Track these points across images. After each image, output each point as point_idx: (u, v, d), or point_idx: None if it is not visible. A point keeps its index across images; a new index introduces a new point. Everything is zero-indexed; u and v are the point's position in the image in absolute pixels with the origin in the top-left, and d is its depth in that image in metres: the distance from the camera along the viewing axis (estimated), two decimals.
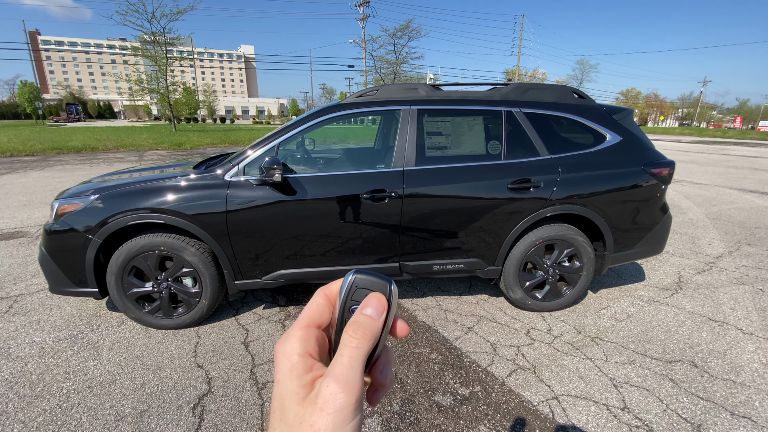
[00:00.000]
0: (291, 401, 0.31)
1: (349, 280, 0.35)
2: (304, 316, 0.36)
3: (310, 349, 0.33)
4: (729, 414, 2.11)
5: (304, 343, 0.33)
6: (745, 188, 9.03)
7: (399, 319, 0.37)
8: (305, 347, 0.33)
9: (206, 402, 2.16)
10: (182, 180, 2.77)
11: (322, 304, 0.36)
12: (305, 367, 0.32)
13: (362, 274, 0.35)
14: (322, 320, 0.36)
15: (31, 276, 3.76)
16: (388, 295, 0.35)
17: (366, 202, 2.77)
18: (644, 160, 3.09)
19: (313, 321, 0.35)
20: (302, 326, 0.35)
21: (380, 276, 0.35)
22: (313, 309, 0.36)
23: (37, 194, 7.30)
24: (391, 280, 0.35)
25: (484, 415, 2.09)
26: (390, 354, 0.38)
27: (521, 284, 3.08)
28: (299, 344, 0.33)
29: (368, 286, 0.35)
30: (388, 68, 40.78)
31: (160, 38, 25.51)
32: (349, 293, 0.34)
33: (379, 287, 0.35)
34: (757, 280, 3.84)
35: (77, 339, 2.74)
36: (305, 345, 0.33)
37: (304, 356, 0.33)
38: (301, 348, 0.33)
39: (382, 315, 0.34)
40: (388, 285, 0.35)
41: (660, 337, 2.84)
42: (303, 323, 0.35)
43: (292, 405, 0.31)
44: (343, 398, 0.29)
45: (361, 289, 0.35)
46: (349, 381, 0.30)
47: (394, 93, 3.05)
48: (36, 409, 2.08)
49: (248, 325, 2.95)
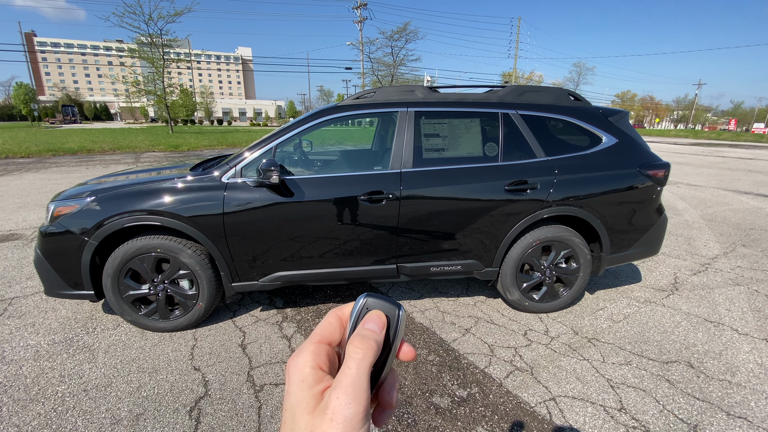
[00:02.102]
0: (301, 411, 0.32)
1: (360, 302, 0.37)
2: (316, 333, 0.37)
3: (320, 363, 0.35)
4: (725, 414, 2.12)
5: (315, 357, 0.35)
6: (740, 190, 9.10)
7: (406, 343, 0.38)
8: (316, 361, 0.35)
9: (203, 405, 2.15)
10: (179, 182, 2.76)
11: (333, 323, 0.38)
12: (316, 379, 0.34)
13: (373, 297, 0.37)
14: (333, 338, 0.37)
15: (26, 279, 3.74)
16: (396, 318, 0.36)
17: (363, 203, 2.77)
18: (640, 162, 3.11)
19: (324, 338, 0.37)
20: (314, 342, 0.36)
21: (390, 300, 0.37)
22: (324, 327, 0.38)
23: (33, 196, 7.26)
24: (400, 306, 0.37)
25: (481, 417, 2.09)
26: (396, 376, 0.39)
27: (518, 286, 3.09)
28: (311, 358, 0.35)
29: (378, 309, 0.37)
30: (386, 70, 40.89)
31: (157, 40, 25.50)
32: (360, 314, 0.36)
33: (388, 310, 0.36)
34: (752, 281, 3.87)
35: (73, 342, 2.72)
36: (316, 359, 0.35)
37: (315, 369, 0.34)
38: (313, 361, 0.35)
39: (383, 329, 0.35)
40: (396, 309, 0.37)
41: (656, 338, 2.85)
42: (315, 339, 0.37)
43: (302, 415, 0.32)
44: (352, 408, 0.30)
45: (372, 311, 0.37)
46: (357, 391, 0.31)
47: (392, 95, 3.05)
48: (31, 413, 2.06)
49: (245, 328, 2.94)
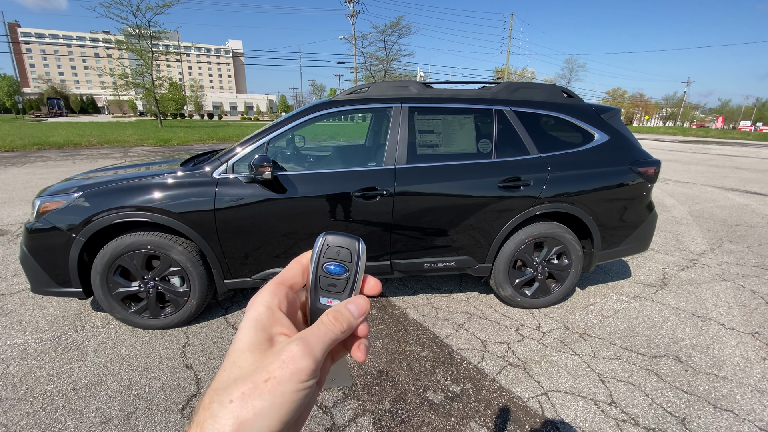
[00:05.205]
0: (250, 349, 0.32)
1: (320, 240, 0.38)
2: (277, 276, 0.38)
3: (279, 303, 0.35)
4: (712, 407, 2.16)
5: (273, 296, 0.36)
6: (727, 187, 9.27)
7: (370, 276, 0.40)
8: (274, 301, 0.35)
9: (195, 403, 2.13)
10: (169, 177, 2.72)
11: (295, 268, 0.39)
12: (271, 319, 0.34)
13: (333, 234, 0.38)
14: (294, 281, 0.38)
15: (11, 276, 3.66)
16: (357, 252, 0.38)
17: (357, 200, 2.76)
18: (631, 159, 3.14)
19: (285, 281, 0.38)
20: (275, 283, 0.37)
21: (349, 235, 0.39)
22: (286, 271, 0.39)
23: (18, 191, 7.09)
24: (359, 239, 0.38)
25: (475, 412, 2.11)
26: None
27: (511, 282, 3.11)
28: (269, 297, 0.36)
29: (339, 244, 0.38)
30: (379, 65, 40.71)
31: (146, 32, 24.97)
32: (322, 251, 0.38)
33: (348, 244, 0.38)
34: (738, 277, 3.95)
35: (61, 340, 2.67)
36: (274, 298, 0.36)
37: (272, 309, 0.35)
38: (270, 301, 0.35)
39: (361, 316, 0.36)
40: (356, 242, 0.38)
41: (645, 333, 2.90)
42: (276, 281, 0.38)
43: (250, 353, 0.32)
44: (306, 361, 0.31)
45: (333, 247, 0.38)
46: (315, 351, 0.32)
47: (386, 90, 3.03)
48: (19, 413, 2.02)
49: (238, 325, 2.90)
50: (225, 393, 0.30)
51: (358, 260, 0.38)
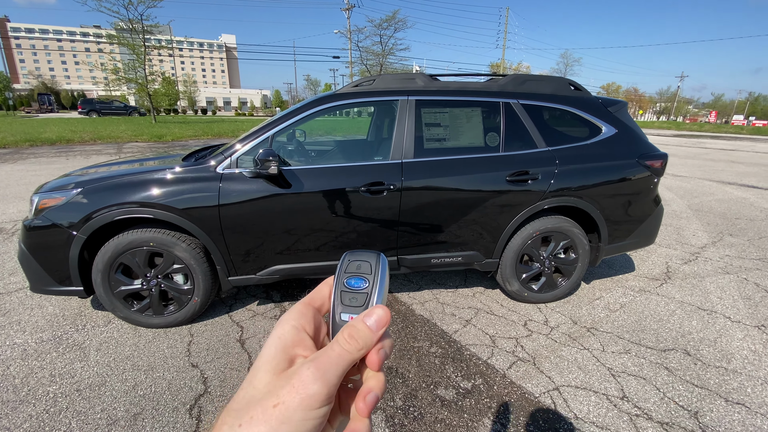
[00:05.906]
0: (268, 369, 0.31)
1: (343, 257, 0.39)
2: (306, 297, 0.38)
3: (304, 323, 0.35)
4: (723, 401, 2.16)
5: (300, 316, 0.35)
6: (724, 180, 9.32)
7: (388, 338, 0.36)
8: (300, 321, 0.35)
9: (203, 402, 2.09)
10: (172, 173, 2.65)
11: (323, 290, 0.39)
12: (295, 339, 0.33)
13: (354, 251, 0.40)
14: (322, 303, 0.38)
15: (8, 274, 3.58)
16: (377, 263, 0.38)
17: (364, 195, 2.71)
18: (638, 153, 3.11)
19: (313, 301, 0.37)
20: (303, 303, 0.37)
21: (369, 250, 0.39)
22: (315, 292, 0.39)
23: (11, 188, 6.96)
24: (380, 252, 0.39)
25: (487, 408, 2.09)
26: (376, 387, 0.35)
27: (518, 276, 3.09)
28: (296, 316, 0.35)
29: (359, 258, 0.38)
30: (374, 60, 40.35)
31: (137, 25, 24.51)
32: (343, 267, 0.38)
33: (368, 257, 0.38)
34: (741, 269, 3.96)
35: (62, 340, 2.61)
36: (301, 319, 0.35)
37: (298, 329, 0.34)
38: (296, 320, 0.34)
39: (381, 329, 0.34)
40: (376, 255, 0.39)
41: (653, 327, 2.90)
42: (304, 301, 0.37)
43: (266, 373, 0.31)
44: (318, 386, 0.30)
45: (353, 262, 0.38)
46: (328, 374, 0.31)
47: (392, 83, 2.98)
48: (22, 415, 1.97)
49: (243, 322, 2.87)
50: (237, 416, 0.29)
51: (378, 271, 0.38)
